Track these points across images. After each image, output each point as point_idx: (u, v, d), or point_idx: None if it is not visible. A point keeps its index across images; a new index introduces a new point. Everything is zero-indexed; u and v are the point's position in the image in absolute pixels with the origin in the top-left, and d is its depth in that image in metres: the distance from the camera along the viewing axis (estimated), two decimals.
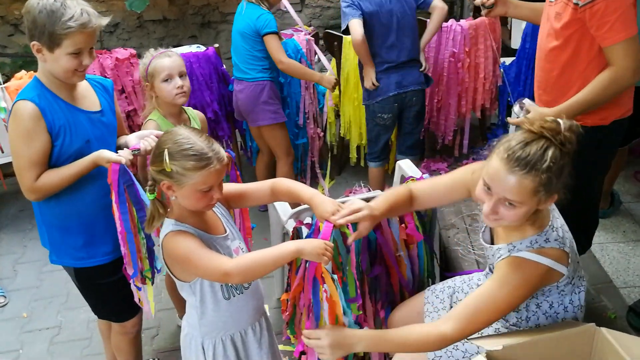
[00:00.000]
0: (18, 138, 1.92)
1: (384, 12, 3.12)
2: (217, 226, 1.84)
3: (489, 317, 1.69)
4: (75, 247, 2.11)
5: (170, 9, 5.53)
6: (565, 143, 1.58)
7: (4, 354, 2.90)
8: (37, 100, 1.90)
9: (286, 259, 1.73)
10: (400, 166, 2.74)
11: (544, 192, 1.60)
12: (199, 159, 1.63)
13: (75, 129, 1.97)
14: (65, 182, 1.96)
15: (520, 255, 1.70)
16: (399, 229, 2.26)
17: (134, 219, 2.01)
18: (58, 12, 1.83)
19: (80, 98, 2.04)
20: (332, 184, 4.07)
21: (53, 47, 1.86)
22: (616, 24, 2.06)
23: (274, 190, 1.90)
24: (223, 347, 1.88)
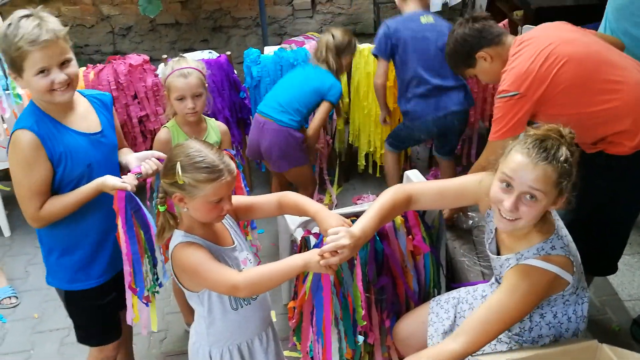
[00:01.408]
0: (19, 168, 1.89)
1: (418, 38, 3.17)
2: (226, 237, 1.88)
3: (499, 327, 1.72)
4: (72, 269, 2.10)
5: (182, 13, 5.59)
6: (572, 144, 1.69)
7: (16, 354, 2.95)
8: (35, 128, 1.86)
9: (294, 273, 1.78)
10: (409, 176, 2.77)
11: (563, 185, 1.66)
12: (211, 171, 1.67)
13: (77, 154, 1.94)
14: (69, 209, 1.95)
15: (528, 263, 1.74)
16: (406, 241, 2.29)
17: (142, 241, 2.02)
18: (11, 35, 1.77)
19: (79, 119, 1.99)
20: (340, 191, 4.09)
21: (19, 71, 1.82)
22: (493, 122, 2.36)
23: (280, 204, 1.94)
24: (230, 356, 1.91)
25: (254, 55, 3.73)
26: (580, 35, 2.36)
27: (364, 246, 2.27)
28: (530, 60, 2.24)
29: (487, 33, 2.44)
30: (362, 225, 1.84)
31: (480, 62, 2.47)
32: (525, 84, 2.23)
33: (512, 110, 2.27)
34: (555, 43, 2.25)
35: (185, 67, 2.49)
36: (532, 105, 2.25)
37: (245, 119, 3.95)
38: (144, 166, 2.03)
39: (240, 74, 3.85)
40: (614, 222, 2.44)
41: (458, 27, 2.51)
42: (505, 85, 2.28)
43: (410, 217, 2.30)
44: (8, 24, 1.78)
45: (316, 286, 1.95)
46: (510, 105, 2.26)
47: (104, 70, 3.56)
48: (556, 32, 2.37)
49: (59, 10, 5.44)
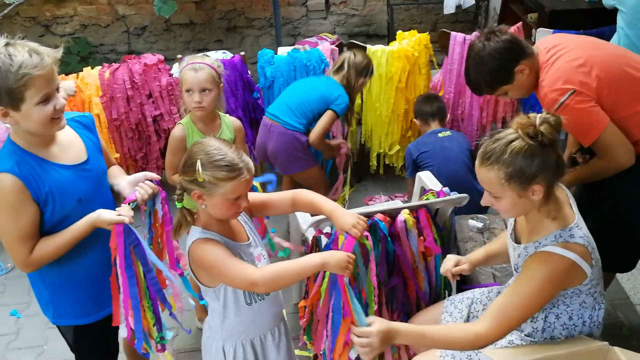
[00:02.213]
0: (3, 214, 1.75)
1: (437, 149, 3.17)
2: (241, 233, 1.90)
3: (518, 314, 1.75)
4: (81, 303, 2.02)
5: (197, 13, 5.62)
6: (536, 135, 1.67)
7: (29, 349, 2.99)
8: (17, 170, 1.72)
9: (311, 271, 1.80)
10: (421, 178, 2.77)
11: (515, 183, 1.70)
12: (231, 169, 1.69)
13: (65, 191, 1.82)
14: (62, 250, 1.83)
15: (546, 250, 1.76)
16: (417, 242, 2.30)
17: (141, 281, 1.91)
18: (5, 66, 1.62)
19: (63, 150, 1.86)
20: (352, 192, 4.10)
21: (18, 104, 1.67)
22: (574, 133, 2.27)
23: (294, 202, 1.95)
24: (243, 351, 1.94)
25: (268, 55, 3.75)
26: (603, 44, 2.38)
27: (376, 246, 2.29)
28: (567, 60, 2.21)
29: (522, 44, 2.28)
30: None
31: (518, 76, 2.27)
32: (573, 80, 2.16)
33: (578, 109, 2.15)
34: (584, 45, 2.28)
35: (199, 62, 2.52)
36: (591, 99, 2.16)
37: (259, 119, 3.96)
38: (139, 191, 1.93)
39: (253, 74, 3.87)
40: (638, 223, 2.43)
41: (485, 43, 2.27)
42: (553, 93, 2.18)
43: (422, 218, 2.30)
44: None
45: (332, 288, 1.96)
46: (571, 108, 2.15)
47: (119, 69, 3.59)
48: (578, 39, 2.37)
49: (75, 10, 5.49)
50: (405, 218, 2.26)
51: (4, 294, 3.36)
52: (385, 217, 2.26)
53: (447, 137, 3.27)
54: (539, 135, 1.68)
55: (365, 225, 1.82)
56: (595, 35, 3.64)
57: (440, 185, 2.58)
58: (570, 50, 2.26)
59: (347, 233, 1.81)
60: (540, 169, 1.69)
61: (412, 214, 2.29)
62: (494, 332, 1.74)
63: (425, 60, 3.79)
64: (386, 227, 2.24)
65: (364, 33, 5.86)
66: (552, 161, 1.71)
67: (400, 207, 2.30)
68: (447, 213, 2.41)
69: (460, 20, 5.90)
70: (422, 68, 3.78)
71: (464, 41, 3.76)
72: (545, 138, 1.68)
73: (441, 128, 3.30)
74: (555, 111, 2.17)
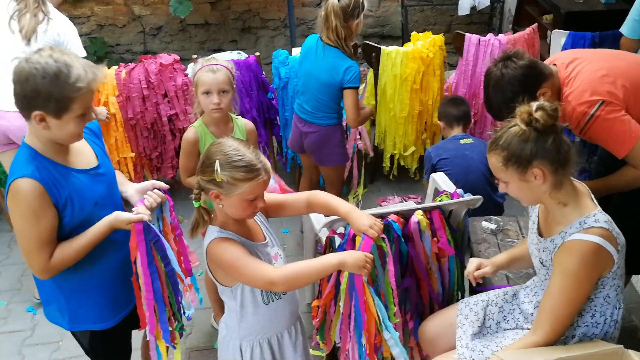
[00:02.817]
0: (23, 219, 1.76)
1: (458, 156, 3.10)
2: (258, 233, 1.92)
3: (566, 310, 1.79)
4: (99, 308, 2.02)
5: (212, 14, 5.65)
6: (531, 121, 1.74)
7: (45, 345, 3.02)
8: (37, 175, 1.73)
9: (329, 271, 1.82)
10: (435, 179, 2.77)
11: (512, 166, 1.77)
12: (249, 170, 1.71)
13: (83, 195, 1.84)
14: (82, 253, 1.84)
15: (570, 239, 1.77)
16: (431, 243, 2.30)
17: (163, 275, 1.96)
18: (63, 75, 1.67)
19: (76, 156, 1.88)
20: (365, 193, 4.11)
21: (61, 113, 1.70)
22: (607, 146, 2.22)
23: (310, 203, 1.97)
24: (260, 350, 1.95)
25: (283, 56, 3.77)
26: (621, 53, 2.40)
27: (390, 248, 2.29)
28: (590, 72, 2.20)
29: (540, 67, 2.23)
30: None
31: (540, 99, 2.13)
32: (601, 91, 2.15)
33: (610, 120, 2.14)
34: (602, 56, 2.28)
35: (215, 64, 2.53)
36: (621, 108, 2.15)
37: (273, 119, 4.00)
38: (148, 200, 1.94)
39: (268, 75, 3.89)
40: None
41: (503, 71, 2.21)
42: (582, 106, 2.16)
43: (436, 219, 2.30)
44: (52, 63, 1.67)
45: (352, 288, 1.97)
46: (603, 119, 2.14)
47: (135, 69, 3.63)
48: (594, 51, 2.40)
49: (92, 10, 5.55)
50: (418, 219, 2.27)
51: (21, 290, 3.40)
52: (398, 218, 2.27)
53: (469, 145, 3.22)
54: (533, 122, 1.74)
55: (382, 228, 1.83)
56: (611, 37, 3.65)
57: (454, 187, 2.58)
58: (591, 62, 2.25)
59: (364, 234, 1.81)
60: (535, 152, 1.74)
61: (426, 215, 2.29)
62: (552, 337, 1.79)
63: (439, 62, 3.79)
64: (400, 228, 2.25)
65: (378, 34, 5.86)
66: (550, 147, 1.75)
67: (414, 208, 2.31)
68: (461, 215, 2.41)
69: (475, 22, 5.88)
70: (437, 69, 3.78)
71: (478, 42, 3.76)
72: (539, 124, 1.73)
73: (464, 134, 3.26)
74: (585, 125, 2.17)
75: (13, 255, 3.65)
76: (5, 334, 3.11)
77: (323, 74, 3.06)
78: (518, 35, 3.81)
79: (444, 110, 3.30)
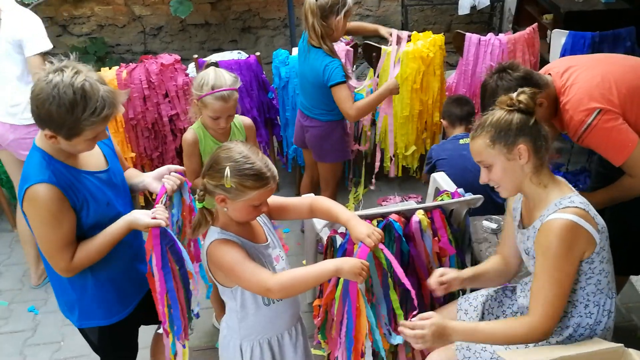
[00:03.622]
0: (44, 224, 1.79)
1: (455, 157, 3.10)
2: (260, 234, 1.93)
3: (554, 291, 1.80)
4: (109, 302, 2.06)
5: (212, 14, 5.65)
6: (514, 104, 1.84)
7: (47, 344, 3.03)
8: (54, 180, 1.77)
9: (326, 278, 1.83)
10: (435, 179, 2.78)
11: (500, 143, 1.84)
12: (258, 178, 1.73)
13: (96, 196, 1.88)
14: (103, 252, 1.89)
15: (547, 220, 1.81)
16: (432, 242, 2.31)
17: (177, 276, 1.99)
18: (80, 106, 1.68)
19: (86, 159, 1.91)
20: (365, 192, 4.12)
21: (71, 137, 1.74)
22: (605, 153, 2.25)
23: (312, 208, 1.98)
24: (260, 350, 1.96)
25: (283, 56, 3.78)
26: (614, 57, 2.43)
27: (390, 247, 2.30)
28: (586, 81, 2.22)
29: (535, 78, 2.24)
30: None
31: (537, 110, 2.18)
32: (598, 100, 2.17)
33: (607, 128, 2.16)
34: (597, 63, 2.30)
35: (227, 90, 2.43)
36: (618, 115, 2.17)
37: (273, 119, 4.00)
38: (168, 183, 1.98)
39: (268, 75, 3.90)
40: None
41: (498, 82, 2.23)
42: (580, 114, 2.18)
43: (437, 218, 2.31)
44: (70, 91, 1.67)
45: (346, 294, 1.99)
46: (601, 127, 2.16)
47: (136, 69, 3.63)
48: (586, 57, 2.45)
49: (92, 10, 5.55)
50: (420, 219, 2.28)
51: (22, 290, 3.41)
52: (400, 217, 2.28)
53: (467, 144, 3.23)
54: (516, 104, 1.84)
55: (380, 237, 1.83)
56: (611, 37, 3.66)
57: (454, 187, 2.59)
58: (586, 69, 2.26)
59: (362, 242, 1.83)
60: (520, 129, 1.83)
61: (427, 215, 2.30)
62: (545, 319, 1.79)
63: (439, 62, 3.79)
64: (401, 228, 2.26)
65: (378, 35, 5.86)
66: (532, 126, 1.84)
67: (415, 207, 2.31)
68: (462, 214, 2.42)
69: (475, 21, 5.88)
70: (437, 69, 3.79)
71: (478, 42, 3.76)
72: (522, 104, 1.84)
73: (464, 134, 3.27)
74: (583, 133, 2.19)
75: (14, 256, 3.66)
76: (7, 334, 3.11)
77: (309, 75, 3.07)
78: (518, 35, 3.81)
79: (447, 110, 3.29)
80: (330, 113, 3.15)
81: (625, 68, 2.30)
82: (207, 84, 2.43)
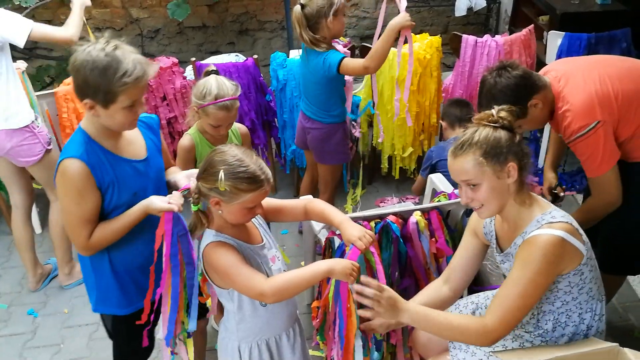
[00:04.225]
0: (69, 197, 1.88)
1: None
2: (255, 235, 1.94)
3: (517, 303, 1.77)
4: (124, 293, 2.10)
5: (209, 16, 5.66)
6: (497, 121, 1.81)
7: (47, 347, 3.04)
8: (85, 158, 1.85)
9: (318, 279, 1.85)
10: (432, 180, 2.80)
11: (492, 160, 1.79)
12: (253, 181, 1.74)
13: (123, 183, 1.94)
14: (118, 235, 1.95)
15: (532, 235, 1.79)
16: (429, 243, 2.32)
17: (183, 272, 1.98)
18: (111, 69, 1.77)
19: (126, 146, 1.99)
20: (363, 193, 4.13)
21: (108, 103, 1.81)
22: (587, 162, 2.28)
23: (307, 210, 2.00)
24: (258, 351, 1.97)
25: (280, 59, 3.79)
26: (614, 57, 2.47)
27: (388, 248, 2.32)
28: (586, 88, 2.24)
29: (534, 78, 2.27)
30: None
31: (531, 111, 2.27)
32: (598, 110, 2.21)
33: (600, 141, 2.22)
34: (598, 68, 2.31)
35: (229, 99, 2.45)
36: (612, 128, 2.24)
37: (271, 121, 4.01)
38: (194, 182, 1.98)
39: (265, 77, 3.91)
40: None
41: (496, 79, 2.26)
42: (580, 121, 2.22)
43: (434, 219, 2.33)
44: (103, 56, 1.77)
45: (337, 295, 2.01)
46: (595, 138, 2.22)
47: None
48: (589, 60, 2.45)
49: (89, 13, 5.55)
50: (417, 220, 2.29)
51: (21, 293, 3.41)
52: (397, 218, 2.29)
53: None
54: (499, 120, 1.81)
55: (372, 240, 1.84)
56: (607, 39, 3.68)
57: (452, 188, 2.60)
58: (582, 76, 2.29)
59: (353, 245, 1.84)
60: (510, 147, 1.80)
61: (424, 216, 2.32)
62: (500, 326, 1.77)
63: (436, 63, 3.81)
64: (398, 229, 2.27)
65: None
66: (517, 144, 1.82)
67: (412, 209, 2.33)
68: (459, 215, 2.44)
69: (472, 23, 5.90)
70: (434, 71, 3.80)
71: (475, 44, 3.78)
72: (506, 121, 1.81)
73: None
74: (577, 138, 2.23)
75: (13, 259, 3.66)
76: (7, 337, 3.12)
77: (311, 75, 3.09)
78: (514, 36, 3.83)
79: (447, 111, 3.31)
80: (331, 116, 3.17)
81: (622, 71, 2.32)
82: (209, 93, 2.44)
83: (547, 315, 1.91)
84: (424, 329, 1.92)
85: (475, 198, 1.85)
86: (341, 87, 3.14)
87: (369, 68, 2.92)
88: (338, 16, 2.94)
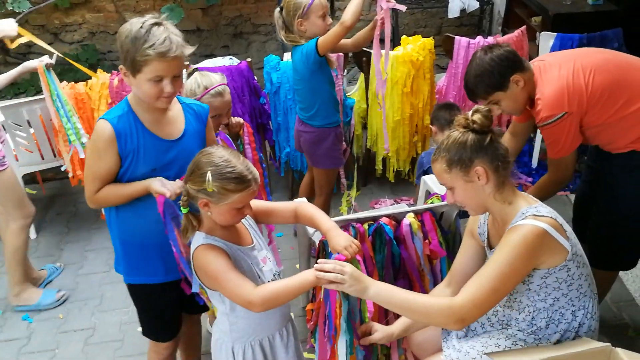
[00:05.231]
0: (90, 152, 2.03)
1: None
2: (245, 237, 1.95)
3: (492, 284, 1.78)
4: (133, 262, 2.17)
5: (204, 20, 5.67)
6: (469, 124, 1.86)
7: (41, 352, 3.03)
8: (115, 122, 1.94)
9: (307, 288, 1.86)
10: (426, 181, 2.81)
11: (456, 167, 1.85)
12: (240, 181, 1.76)
13: (144, 156, 1.99)
14: (120, 200, 2.04)
15: (516, 224, 1.82)
16: (422, 245, 2.33)
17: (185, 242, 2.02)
18: (141, 39, 1.83)
19: (163, 124, 2.04)
20: (358, 195, 4.14)
21: (135, 72, 1.89)
22: (550, 145, 2.44)
23: (297, 214, 2.02)
24: (252, 352, 1.98)
25: (274, 61, 3.80)
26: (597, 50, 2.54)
27: (381, 250, 2.32)
28: (560, 79, 2.35)
29: (519, 57, 2.43)
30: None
31: (512, 86, 2.38)
32: (567, 102, 2.32)
33: (564, 130, 2.35)
34: (576, 59, 2.39)
35: (218, 85, 2.49)
36: (579, 119, 2.36)
37: (265, 124, 4.02)
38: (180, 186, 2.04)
39: (259, 80, 3.91)
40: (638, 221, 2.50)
41: (487, 51, 2.41)
42: (548, 111, 2.34)
43: (427, 221, 2.33)
44: (139, 27, 1.84)
45: (327, 300, 2.02)
46: (561, 127, 2.35)
47: None
48: (572, 52, 2.56)
49: (83, 17, 5.56)
50: (410, 221, 2.30)
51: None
52: (390, 220, 2.30)
53: None
54: (470, 124, 1.85)
55: (357, 250, 1.86)
56: (598, 39, 3.69)
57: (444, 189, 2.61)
58: (559, 64, 2.40)
59: (339, 252, 1.85)
60: (475, 151, 1.83)
61: (417, 218, 2.33)
62: (468, 304, 1.77)
63: (429, 65, 3.82)
64: (392, 231, 2.28)
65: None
66: (487, 145, 1.84)
67: (405, 210, 2.34)
68: (452, 216, 2.44)
69: (465, 24, 5.92)
70: (427, 73, 3.81)
71: (468, 45, 3.78)
72: (476, 125, 1.84)
73: None
74: (545, 125, 2.36)
75: None
76: (1, 343, 3.11)
77: (296, 74, 3.14)
78: (507, 37, 3.84)
79: (436, 115, 3.29)
80: (323, 119, 3.18)
81: (599, 62, 2.40)
82: (198, 86, 2.48)
83: (541, 313, 1.92)
84: (388, 306, 1.90)
85: (455, 200, 1.94)
86: (328, 86, 3.13)
87: (345, 22, 2.94)
88: (310, 18, 2.96)
